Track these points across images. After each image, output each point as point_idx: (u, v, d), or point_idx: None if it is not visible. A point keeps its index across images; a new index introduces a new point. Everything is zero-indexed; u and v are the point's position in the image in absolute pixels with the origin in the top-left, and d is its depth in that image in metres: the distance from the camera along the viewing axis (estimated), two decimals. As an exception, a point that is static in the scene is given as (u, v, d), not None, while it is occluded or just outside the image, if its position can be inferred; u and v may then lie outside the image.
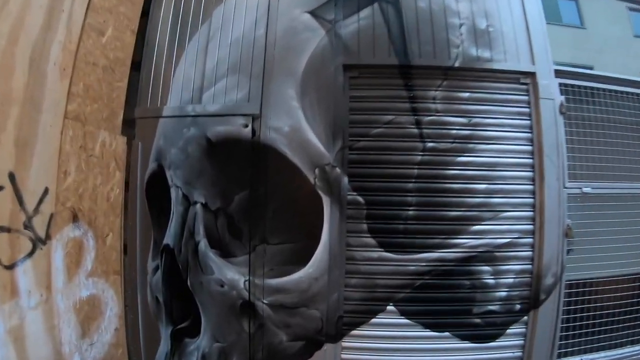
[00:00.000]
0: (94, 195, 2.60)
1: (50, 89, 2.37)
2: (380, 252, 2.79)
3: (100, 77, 2.65)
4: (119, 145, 2.77)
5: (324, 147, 2.76)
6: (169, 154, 2.96)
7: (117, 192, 2.75)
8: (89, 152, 2.58)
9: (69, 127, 2.46)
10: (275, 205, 2.76)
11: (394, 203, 2.80)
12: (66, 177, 2.45)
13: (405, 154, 2.82)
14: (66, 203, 2.44)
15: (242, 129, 2.81)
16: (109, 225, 2.67)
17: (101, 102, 2.64)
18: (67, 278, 2.49)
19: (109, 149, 2.69)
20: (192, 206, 2.88)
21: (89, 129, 2.57)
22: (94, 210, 2.61)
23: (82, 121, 2.53)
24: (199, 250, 2.87)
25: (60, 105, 2.44)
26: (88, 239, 2.60)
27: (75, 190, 2.50)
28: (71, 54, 2.49)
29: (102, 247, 2.67)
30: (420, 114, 2.85)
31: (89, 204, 2.58)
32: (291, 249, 2.75)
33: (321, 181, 2.73)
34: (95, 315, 2.67)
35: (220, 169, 2.84)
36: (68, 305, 2.51)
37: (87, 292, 2.61)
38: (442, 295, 2.85)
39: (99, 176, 2.60)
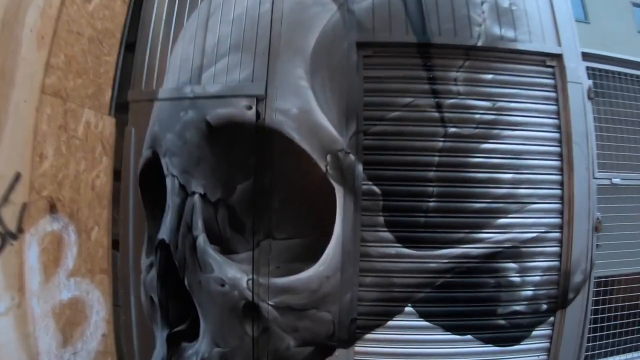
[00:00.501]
0: (76, 183, 2.08)
1: (25, 58, 1.86)
2: (398, 248, 2.30)
3: (85, 48, 2.13)
4: (106, 126, 2.26)
5: (336, 131, 2.26)
6: (165, 140, 2.45)
7: (104, 180, 2.23)
8: (71, 133, 2.06)
9: (46, 103, 1.94)
10: (282, 196, 2.26)
11: (413, 194, 2.32)
12: (42, 161, 1.92)
13: (425, 139, 2.34)
14: (42, 191, 1.92)
15: (246, 112, 2.31)
16: (94, 217, 2.15)
17: (86, 77, 2.13)
18: (44, 278, 1.96)
19: (94, 131, 2.17)
20: (190, 197, 2.37)
21: (70, 107, 2.05)
22: (77, 201, 2.09)
23: (63, 97, 2.01)
24: (197, 246, 2.36)
25: (37, 78, 1.92)
26: (69, 233, 2.07)
27: (54, 176, 1.97)
28: (51, 21, 1.98)
29: (86, 242, 2.14)
30: (441, 97, 2.37)
31: (71, 193, 2.06)
32: (300, 245, 2.25)
33: (333, 169, 2.24)
34: (78, 320, 2.14)
35: (221, 155, 2.34)
36: (46, 310, 1.98)
37: (69, 294, 2.09)
38: (464, 295, 2.37)
39: (82, 161, 2.08)
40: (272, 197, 2.27)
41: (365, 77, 2.38)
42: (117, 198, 2.64)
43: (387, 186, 2.32)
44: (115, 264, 2.66)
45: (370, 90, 2.37)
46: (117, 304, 2.68)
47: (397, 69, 2.40)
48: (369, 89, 2.37)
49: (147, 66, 2.62)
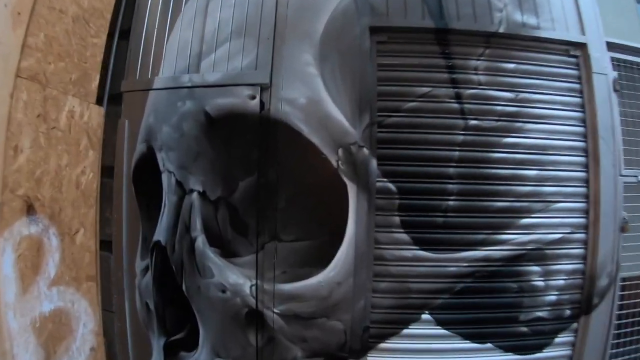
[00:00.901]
0: (57, 180, 1.71)
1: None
2: (415, 251, 1.96)
3: (69, 28, 1.76)
4: (93, 116, 1.89)
5: (348, 122, 1.91)
6: (160, 133, 2.09)
7: (90, 176, 1.86)
8: (51, 124, 1.69)
9: (22, 88, 1.58)
10: (288, 194, 1.91)
11: (432, 191, 1.98)
12: (17, 156, 1.56)
13: (444, 132, 2.00)
14: (17, 190, 1.56)
15: (249, 102, 1.95)
16: (79, 218, 1.79)
17: (69, 61, 1.76)
18: (22, 289, 1.61)
19: (79, 121, 1.80)
20: (188, 195, 2.01)
21: (51, 93, 1.68)
22: (58, 200, 1.72)
23: (42, 82, 1.64)
24: (196, 249, 2.00)
25: (11, 60, 1.56)
26: (50, 237, 1.71)
27: (31, 172, 1.61)
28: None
29: (70, 246, 1.78)
30: (460, 87, 2.03)
31: (51, 191, 1.69)
32: (308, 248, 1.90)
33: (346, 164, 1.89)
34: (62, 334, 1.78)
35: (221, 149, 1.98)
36: (24, 324, 1.63)
37: (51, 305, 1.73)
38: (485, 300, 2.04)
39: (64, 155, 1.72)
40: (277, 195, 1.92)
41: (379, 64, 2.03)
42: (109, 196, 2.28)
43: (403, 183, 1.98)
44: (107, 267, 2.30)
45: (385, 79, 2.03)
46: (110, 310, 2.32)
47: (413, 56, 2.06)
48: (383, 77, 2.02)
49: (142, 54, 2.25)
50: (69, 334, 1.80)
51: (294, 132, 1.93)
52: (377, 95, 2.01)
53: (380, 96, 2.01)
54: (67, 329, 1.79)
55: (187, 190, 2.04)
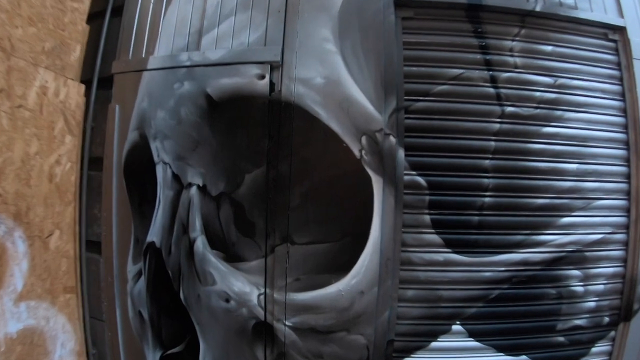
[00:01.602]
0: (24, 172, 1.23)
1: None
2: (447, 254, 1.51)
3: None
4: (71, 95, 1.40)
5: (373, 107, 1.45)
6: (155, 119, 1.61)
7: (68, 167, 1.38)
8: (17, 101, 1.20)
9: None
10: (303, 189, 1.45)
11: (466, 186, 1.53)
12: (-35, 138, 1.06)
13: (479, 120, 1.55)
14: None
15: (257, 82, 1.49)
16: (52, 218, 1.31)
17: (43, 27, 1.28)
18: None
19: (53, 100, 1.32)
20: (186, 190, 1.54)
21: (17, 64, 1.20)
22: (26, 196, 1.24)
23: (6, 50, 1.16)
24: (195, 252, 1.53)
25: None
26: (15, 241, 1.22)
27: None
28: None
29: (42, 252, 1.30)
30: (495, 69, 1.58)
31: (16, 184, 1.21)
32: (326, 251, 1.44)
33: (370, 154, 1.43)
34: (35, 357, 1.29)
35: (224, 137, 1.51)
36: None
37: (19, 324, 1.25)
38: (522, 308, 1.60)
39: (34, 141, 1.23)
40: (290, 190, 1.46)
41: (405, 42, 1.58)
42: (98, 192, 1.79)
43: (434, 177, 1.53)
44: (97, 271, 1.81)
45: (411, 59, 1.58)
46: (100, 318, 1.83)
47: (443, 34, 1.61)
48: (410, 57, 1.57)
49: (135, 31, 1.77)
50: (44, 356, 1.32)
51: (310, 117, 1.47)
52: (404, 77, 1.55)
53: (407, 78, 1.55)
54: (41, 351, 1.31)
55: (185, 185, 1.56)
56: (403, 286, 1.54)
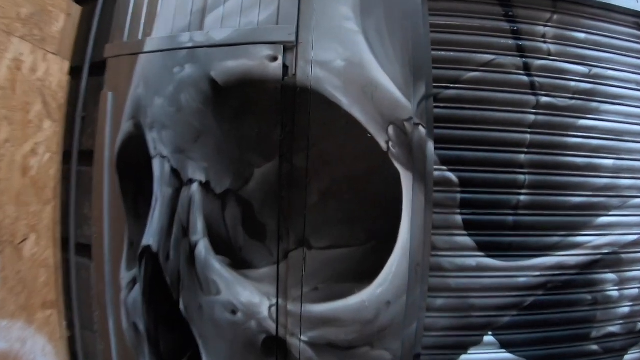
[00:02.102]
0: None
1: None
2: (480, 258, 1.24)
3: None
4: (52, 72, 1.08)
5: (401, 93, 1.16)
6: (152, 107, 1.29)
7: (46, 158, 1.06)
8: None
9: None
10: (322, 185, 1.15)
11: (500, 183, 1.26)
12: None
13: (513, 110, 1.29)
14: None
15: (268, 64, 1.18)
16: (27, 219, 0.99)
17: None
18: None
19: (29, 77, 1.00)
20: (186, 187, 1.23)
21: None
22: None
23: None
24: (197, 257, 1.22)
25: None
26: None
27: None
28: None
29: (15, 261, 0.97)
30: (529, 56, 1.32)
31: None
32: (348, 257, 1.14)
33: (398, 146, 1.14)
34: None
35: (231, 127, 1.21)
36: None
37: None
38: (557, 316, 1.34)
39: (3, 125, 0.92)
40: (307, 186, 1.16)
41: (433, 25, 1.29)
42: (88, 188, 1.47)
43: (466, 172, 1.26)
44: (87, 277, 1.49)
45: (439, 43, 1.30)
46: (91, 329, 1.50)
47: (472, 17, 1.34)
48: (438, 40, 1.29)
49: (131, 11, 1.45)
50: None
51: (329, 104, 1.17)
52: (432, 62, 1.26)
53: (434, 63, 1.27)
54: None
55: (185, 181, 1.25)
56: (432, 294, 1.26)
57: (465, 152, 1.28)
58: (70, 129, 1.50)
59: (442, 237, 1.25)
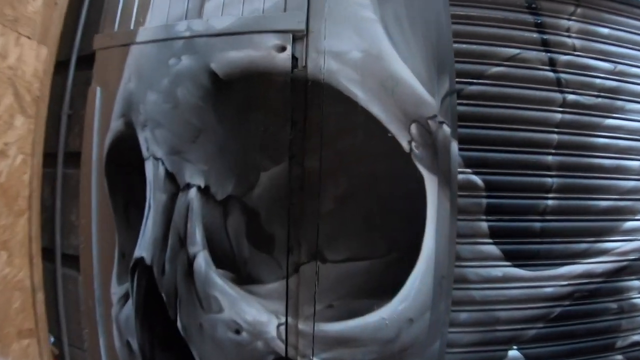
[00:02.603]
0: None
1: None
2: (506, 268, 1.05)
3: None
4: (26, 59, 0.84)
5: (424, 87, 0.95)
6: (145, 103, 1.06)
7: (19, 160, 0.82)
8: None
9: None
10: (337, 190, 0.93)
11: (527, 187, 1.07)
12: None
13: (539, 108, 1.09)
14: None
15: (275, 55, 0.96)
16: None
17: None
18: None
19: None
20: (183, 192, 0.99)
21: None
22: None
23: None
24: (196, 272, 0.99)
25: None
26: None
27: None
28: None
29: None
30: (553, 51, 1.12)
31: None
32: (367, 270, 0.93)
33: (422, 147, 0.93)
34: None
35: (233, 125, 0.98)
36: None
37: None
38: (582, 327, 1.16)
39: None
40: (320, 192, 0.94)
41: (453, 15, 1.08)
42: (75, 194, 1.22)
43: (491, 175, 1.05)
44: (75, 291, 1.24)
45: (461, 35, 1.09)
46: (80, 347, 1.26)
47: (494, 8, 1.13)
48: (459, 32, 1.09)
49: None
50: None
51: (345, 100, 0.96)
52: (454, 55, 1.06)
53: (457, 57, 1.06)
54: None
55: (182, 186, 1.02)
56: (456, 308, 1.06)
57: (490, 153, 1.08)
58: (56, 128, 1.25)
59: (467, 246, 1.05)
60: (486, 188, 1.07)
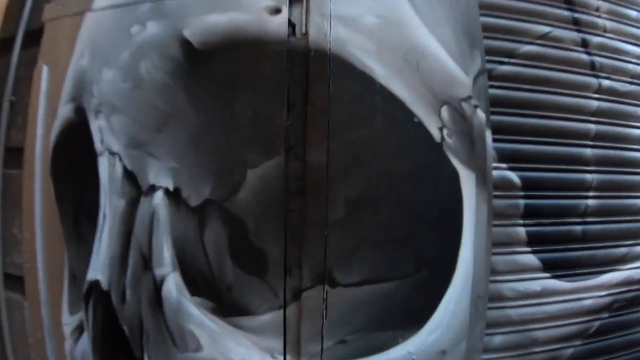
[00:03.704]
0: None
1: None
2: (545, 280, 0.74)
3: None
4: None
5: (455, 62, 0.63)
6: (99, 82, 0.68)
7: None
8: None
9: None
10: (350, 192, 0.59)
11: (566, 184, 0.77)
12: None
13: (575, 94, 0.79)
14: None
15: (268, 19, 0.61)
16: None
17: None
18: None
19: None
20: (146, 197, 0.63)
21: None
22: None
23: None
24: (165, 300, 0.62)
25: None
26: None
27: None
28: None
29: None
30: (585, 31, 0.84)
31: None
32: (389, 295, 0.60)
33: (456, 135, 0.61)
34: None
35: (212, 108, 0.61)
36: None
37: None
38: (620, 339, 0.89)
39: None
40: (328, 194, 0.60)
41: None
42: (17, 200, 0.83)
43: (529, 172, 0.75)
44: (21, 319, 0.84)
45: (488, 7, 0.78)
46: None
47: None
48: (486, 4, 0.78)
49: (76, -40, 0.82)
50: None
51: (358, 75, 0.63)
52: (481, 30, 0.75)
53: (486, 32, 0.76)
54: None
55: (145, 188, 0.66)
56: (490, 331, 0.75)
57: (525, 144, 0.78)
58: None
59: (503, 256, 0.75)
60: (523, 187, 0.77)
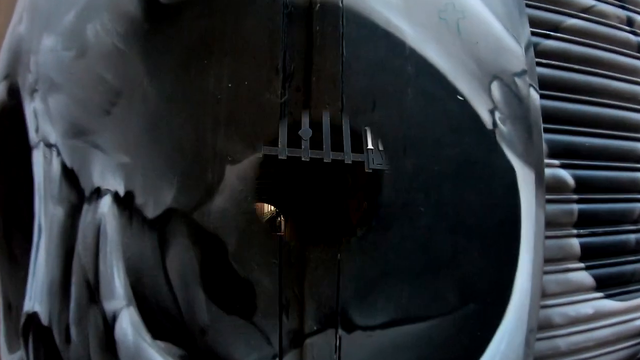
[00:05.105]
0: None
1: None
2: (598, 301, 0.48)
3: None
4: None
5: (505, 28, 0.37)
6: (38, 52, 0.39)
7: None
8: None
9: None
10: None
11: (620, 185, 0.51)
12: None
13: (626, 79, 0.53)
14: None
15: None
16: None
17: None
18: None
19: None
20: (90, 204, 0.35)
21: None
22: None
23: None
24: (119, 342, 0.35)
25: None
26: None
27: None
28: None
29: None
30: (629, 8, 0.59)
31: None
32: (427, 338, 0.33)
33: (511, 120, 0.35)
34: None
35: (177, 82, 0.33)
36: None
37: None
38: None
39: None
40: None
41: None
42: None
43: (583, 170, 0.49)
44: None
45: (526, -28, 0.52)
46: None
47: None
48: (524, -32, 0.52)
49: None
50: None
51: (382, 37, 0.36)
52: None
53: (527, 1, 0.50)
54: None
55: (89, 192, 0.38)
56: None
57: (577, 136, 0.54)
58: None
59: (555, 275, 0.50)
60: (577, 188, 0.53)
